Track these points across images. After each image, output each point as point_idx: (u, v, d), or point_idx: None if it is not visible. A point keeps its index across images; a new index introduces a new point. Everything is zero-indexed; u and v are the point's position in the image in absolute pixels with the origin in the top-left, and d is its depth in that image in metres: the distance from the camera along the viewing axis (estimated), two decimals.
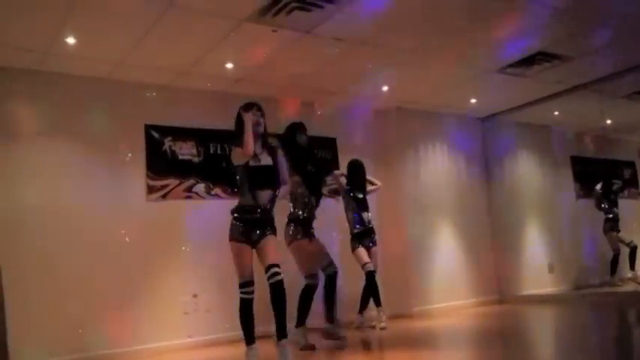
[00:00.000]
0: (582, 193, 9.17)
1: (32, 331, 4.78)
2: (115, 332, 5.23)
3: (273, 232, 4.10)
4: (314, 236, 5.07)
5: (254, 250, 4.02)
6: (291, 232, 4.88)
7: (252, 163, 4.03)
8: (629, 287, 8.09)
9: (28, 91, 5.18)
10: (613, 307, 6.83)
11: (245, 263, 3.96)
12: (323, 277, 5.06)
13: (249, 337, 3.97)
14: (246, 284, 3.95)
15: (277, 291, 3.88)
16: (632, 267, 8.34)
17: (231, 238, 4.01)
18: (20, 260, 4.84)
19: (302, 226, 4.94)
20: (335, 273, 5.08)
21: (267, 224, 4.05)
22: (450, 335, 5.60)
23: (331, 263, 5.10)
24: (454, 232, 7.72)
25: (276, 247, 4.07)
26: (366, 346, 5.29)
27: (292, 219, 4.93)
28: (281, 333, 3.90)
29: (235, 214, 4.04)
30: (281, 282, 3.89)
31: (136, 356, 5.26)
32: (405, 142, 7.50)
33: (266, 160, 4.13)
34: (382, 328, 5.76)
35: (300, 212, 4.95)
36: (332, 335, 5.02)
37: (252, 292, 3.97)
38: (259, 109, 4.15)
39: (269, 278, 3.88)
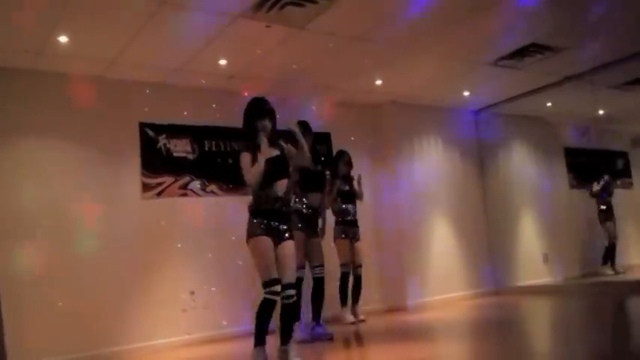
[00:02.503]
0: (576, 183, 9.22)
1: (29, 329, 4.79)
2: (112, 330, 5.24)
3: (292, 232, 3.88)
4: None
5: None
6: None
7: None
8: (629, 276, 8.16)
9: (22, 91, 5.16)
10: (608, 297, 6.87)
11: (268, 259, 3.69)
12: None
13: (260, 338, 3.66)
14: (271, 283, 3.63)
15: (286, 308, 3.73)
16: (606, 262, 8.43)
17: (250, 235, 3.72)
18: (16, 259, 4.82)
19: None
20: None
21: (285, 219, 3.83)
22: (446, 328, 5.62)
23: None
24: (449, 224, 7.75)
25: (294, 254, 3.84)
26: (359, 340, 5.28)
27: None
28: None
29: (253, 212, 3.78)
30: (293, 304, 3.76)
31: (135, 354, 5.27)
32: (399, 135, 7.51)
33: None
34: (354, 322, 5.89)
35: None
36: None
37: (277, 293, 3.63)
38: (269, 115, 3.87)
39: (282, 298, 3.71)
